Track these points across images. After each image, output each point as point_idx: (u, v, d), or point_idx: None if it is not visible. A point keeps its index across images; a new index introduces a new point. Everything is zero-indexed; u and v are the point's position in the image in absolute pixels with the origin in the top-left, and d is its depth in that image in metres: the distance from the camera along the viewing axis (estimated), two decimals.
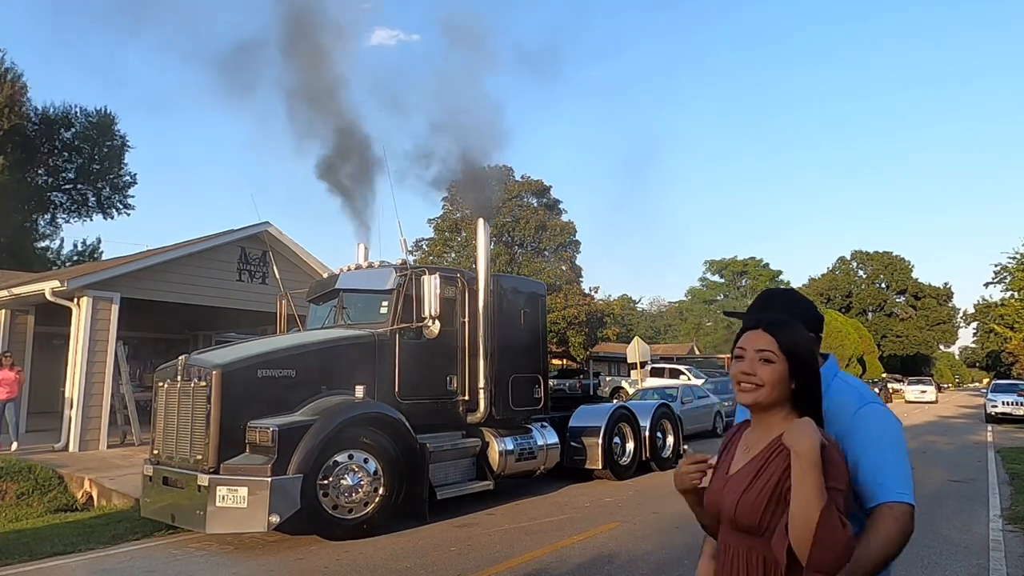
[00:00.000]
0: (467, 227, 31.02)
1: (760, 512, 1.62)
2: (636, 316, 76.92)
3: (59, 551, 6.66)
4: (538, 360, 9.89)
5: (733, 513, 1.67)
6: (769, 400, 1.69)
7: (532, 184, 32.88)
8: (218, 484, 6.36)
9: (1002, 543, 6.81)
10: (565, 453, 10.09)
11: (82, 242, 33.34)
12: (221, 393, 6.64)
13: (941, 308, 79.84)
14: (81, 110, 31.99)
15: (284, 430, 6.50)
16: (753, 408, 1.74)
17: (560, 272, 32.10)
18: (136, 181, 33.97)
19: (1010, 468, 12.07)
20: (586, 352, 32.72)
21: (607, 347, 38.12)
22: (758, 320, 1.77)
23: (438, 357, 8.41)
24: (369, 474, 7.00)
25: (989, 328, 50.26)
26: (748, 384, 1.70)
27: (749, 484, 1.65)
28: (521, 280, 11.20)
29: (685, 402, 17.33)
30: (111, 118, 32.37)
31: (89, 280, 12.22)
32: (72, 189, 33.05)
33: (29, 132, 29.38)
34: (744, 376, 1.70)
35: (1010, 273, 39.81)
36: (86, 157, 32.37)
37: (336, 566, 5.98)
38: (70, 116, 31.66)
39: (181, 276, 13.55)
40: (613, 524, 7.54)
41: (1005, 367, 47.83)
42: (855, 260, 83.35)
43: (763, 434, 1.72)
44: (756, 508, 1.62)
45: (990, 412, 24.23)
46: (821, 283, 79.39)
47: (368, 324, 8.19)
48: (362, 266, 9.06)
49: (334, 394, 7.28)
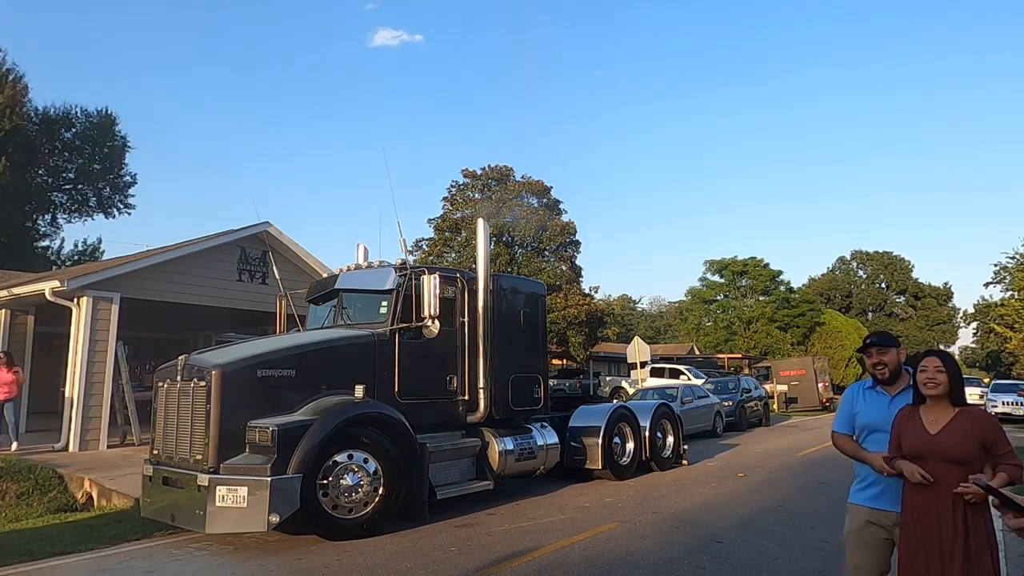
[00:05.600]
0: (467, 227, 31.00)
1: (971, 450, 3.00)
2: (636, 316, 76.94)
3: (59, 551, 6.66)
4: (538, 360, 9.89)
5: (950, 453, 2.99)
6: (943, 393, 3.12)
7: (532, 184, 32.85)
8: (218, 484, 6.36)
9: (1002, 543, 6.80)
10: (565, 453, 10.10)
11: (82, 242, 33.35)
12: (221, 393, 6.64)
13: (941, 308, 79.84)
14: (82, 110, 32.00)
15: (284, 430, 6.49)
16: (934, 398, 3.15)
17: (560, 272, 32.07)
18: (136, 181, 34.01)
19: None
20: (586, 352, 32.68)
21: (607, 347, 38.11)
22: (930, 349, 3.38)
23: (438, 357, 8.42)
24: (369, 474, 7.00)
25: (989, 328, 50.28)
26: (932, 384, 3.12)
27: (962, 438, 3.01)
28: (521, 280, 11.21)
29: (685, 402, 17.33)
30: (112, 118, 32.37)
31: (89, 280, 12.22)
32: (72, 189, 33.05)
33: (30, 132, 29.37)
34: (929, 379, 3.13)
35: (1010, 273, 39.85)
36: (87, 157, 32.36)
37: (336, 566, 5.98)
38: (71, 116, 31.66)
39: (181, 276, 13.54)
40: (613, 524, 7.53)
41: (1005, 367, 47.81)
42: (855, 260, 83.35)
43: (941, 412, 3.12)
44: (968, 448, 3.00)
45: (990, 412, 24.30)
46: (821, 283, 79.40)
47: (368, 324, 8.19)
48: (362, 266, 9.07)
49: (334, 394, 7.28)
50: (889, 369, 3.52)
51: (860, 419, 3.59)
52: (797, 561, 6.04)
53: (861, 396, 3.67)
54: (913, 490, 3.11)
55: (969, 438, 2.99)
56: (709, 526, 7.46)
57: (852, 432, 3.63)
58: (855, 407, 3.65)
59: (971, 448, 2.99)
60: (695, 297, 53.67)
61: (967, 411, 3.12)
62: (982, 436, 3.01)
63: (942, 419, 3.08)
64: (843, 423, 3.69)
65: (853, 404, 3.67)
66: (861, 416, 3.60)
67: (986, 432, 3.02)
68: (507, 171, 33.66)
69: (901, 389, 3.51)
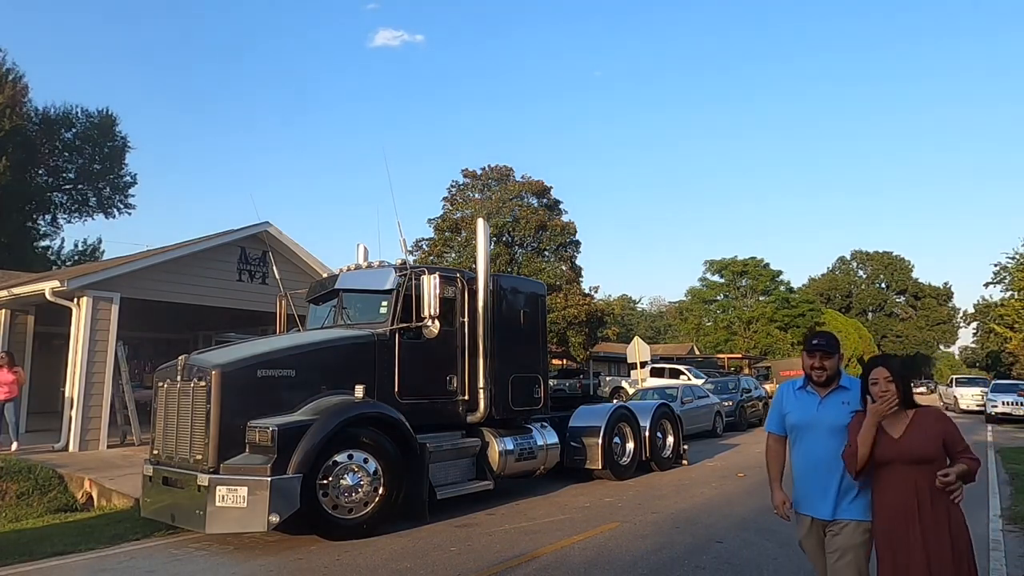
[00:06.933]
0: (467, 227, 30.98)
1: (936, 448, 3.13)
2: (636, 316, 76.90)
3: (59, 551, 6.65)
4: (538, 360, 9.88)
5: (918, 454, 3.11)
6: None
7: (532, 184, 32.84)
8: (218, 484, 6.35)
9: (1002, 543, 6.81)
10: (565, 453, 10.09)
11: (82, 242, 33.39)
12: (221, 393, 6.64)
13: (941, 308, 79.82)
14: (82, 110, 32.05)
15: (284, 430, 6.49)
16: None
17: (560, 272, 32.05)
18: (136, 181, 34.03)
19: (1010, 468, 12.08)
20: (586, 352, 32.68)
21: (607, 347, 38.10)
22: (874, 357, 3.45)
23: (438, 357, 8.41)
24: (369, 474, 7.00)
25: (989, 328, 50.24)
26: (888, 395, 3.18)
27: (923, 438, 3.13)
28: (521, 280, 11.20)
29: (685, 402, 17.32)
30: (112, 118, 32.40)
31: (89, 280, 12.22)
32: (73, 189, 33.07)
33: (30, 132, 29.37)
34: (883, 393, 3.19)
35: (1010, 273, 39.82)
36: (87, 157, 32.39)
37: (336, 566, 5.98)
38: (71, 116, 31.69)
39: (181, 276, 13.54)
40: (613, 524, 7.53)
41: (1005, 367, 47.77)
42: (855, 260, 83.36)
43: (898, 418, 3.20)
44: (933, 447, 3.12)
45: (990, 412, 24.25)
46: (821, 283, 79.39)
47: (368, 324, 8.19)
48: (362, 266, 9.06)
49: (334, 394, 7.28)
50: (828, 374, 3.55)
51: (789, 419, 3.66)
52: (797, 561, 6.03)
53: (792, 396, 3.71)
54: (883, 494, 3.21)
55: (932, 437, 3.15)
56: (709, 526, 7.46)
57: (784, 432, 3.71)
58: (784, 407, 3.71)
59: (935, 447, 3.14)
60: (695, 297, 53.70)
61: (923, 412, 3.25)
62: (942, 434, 3.17)
63: (902, 423, 3.21)
64: (774, 423, 3.76)
65: (783, 404, 3.73)
66: (790, 416, 3.65)
67: (945, 430, 3.18)
68: (507, 171, 33.66)
69: (831, 391, 3.56)
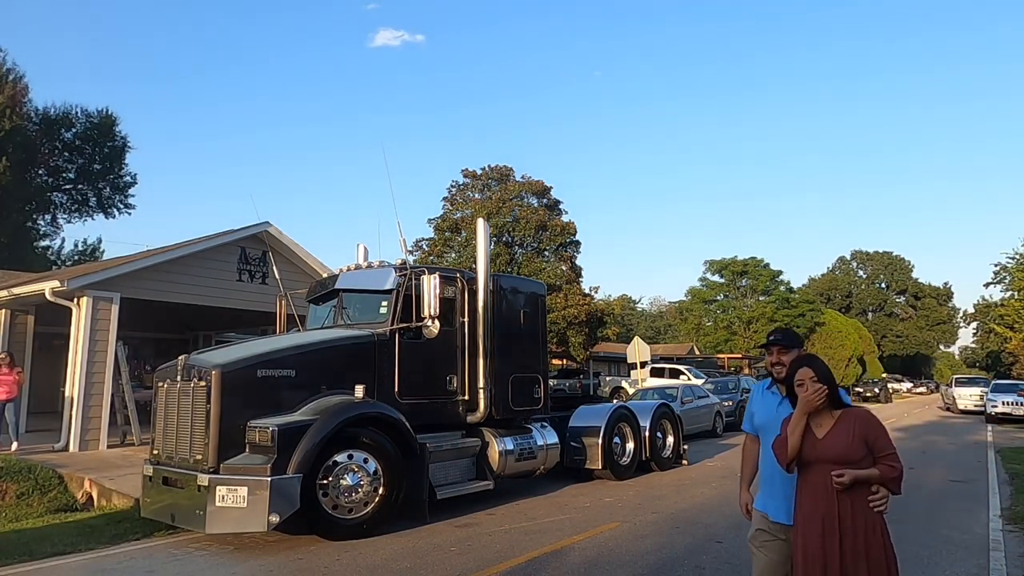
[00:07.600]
0: (467, 227, 30.97)
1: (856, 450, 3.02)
2: (636, 316, 76.87)
3: (59, 551, 6.65)
4: (538, 360, 9.88)
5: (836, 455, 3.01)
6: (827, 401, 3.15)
7: (532, 184, 32.82)
8: (218, 484, 6.35)
9: (1002, 543, 6.81)
10: (565, 453, 10.09)
11: (82, 242, 33.39)
12: (221, 393, 6.64)
13: (941, 308, 79.86)
14: (82, 110, 32.03)
15: (284, 430, 6.49)
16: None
17: (560, 272, 32.02)
18: (136, 181, 34.02)
19: (1010, 468, 12.07)
20: (586, 352, 32.65)
21: (607, 347, 38.07)
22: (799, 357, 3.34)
23: (438, 357, 8.41)
24: (369, 474, 7.00)
25: (989, 328, 50.26)
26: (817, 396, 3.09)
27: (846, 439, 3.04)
28: (521, 280, 11.20)
29: (685, 402, 17.33)
30: (112, 118, 32.39)
31: (89, 280, 12.21)
32: (73, 189, 33.06)
33: (30, 132, 29.37)
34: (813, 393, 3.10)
35: (1010, 273, 39.80)
36: (87, 157, 32.38)
37: (336, 566, 5.98)
38: (71, 116, 31.67)
39: (181, 276, 13.53)
40: (613, 524, 7.53)
41: (1005, 367, 47.78)
42: (855, 260, 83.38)
43: (824, 417, 3.13)
44: (853, 449, 3.02)
45: (990, 412, 24.24)
46: (821, 283, 79.40)
47: (368, 324, 8.19)
48: (362, 266, 9.06)
49: (334, 394, 7.28)
50: (788, 369, 3.43)
51: (756, 419, 3.66)
52: None
53: (760, 396, 3.70)
54: (804, 496, 3.14)
55: (853, 438, 3.04)
56: (709, 526, 7.46)
57: (756, 432, 3.69)
58: (752, 407, 3.73)
59: (856, 449, 3.03)
60: (695, 297, 53.63)
61: (849, 412, 3.15)
62: (865, 435, 3.05)
63: (827, 423, 3.12)
64: (747, 422, 3.78)
65: (752, 404, 3.75)
66: (757, 416, 3.66)
67: (868, 431, 3.06)
68: (507, 171, 33.62)
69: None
